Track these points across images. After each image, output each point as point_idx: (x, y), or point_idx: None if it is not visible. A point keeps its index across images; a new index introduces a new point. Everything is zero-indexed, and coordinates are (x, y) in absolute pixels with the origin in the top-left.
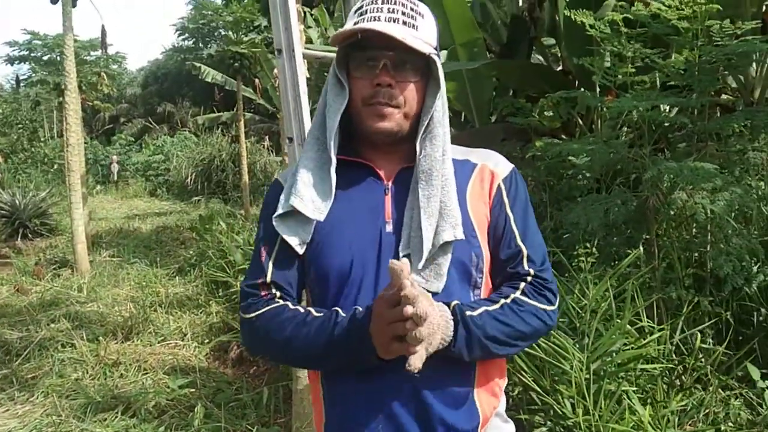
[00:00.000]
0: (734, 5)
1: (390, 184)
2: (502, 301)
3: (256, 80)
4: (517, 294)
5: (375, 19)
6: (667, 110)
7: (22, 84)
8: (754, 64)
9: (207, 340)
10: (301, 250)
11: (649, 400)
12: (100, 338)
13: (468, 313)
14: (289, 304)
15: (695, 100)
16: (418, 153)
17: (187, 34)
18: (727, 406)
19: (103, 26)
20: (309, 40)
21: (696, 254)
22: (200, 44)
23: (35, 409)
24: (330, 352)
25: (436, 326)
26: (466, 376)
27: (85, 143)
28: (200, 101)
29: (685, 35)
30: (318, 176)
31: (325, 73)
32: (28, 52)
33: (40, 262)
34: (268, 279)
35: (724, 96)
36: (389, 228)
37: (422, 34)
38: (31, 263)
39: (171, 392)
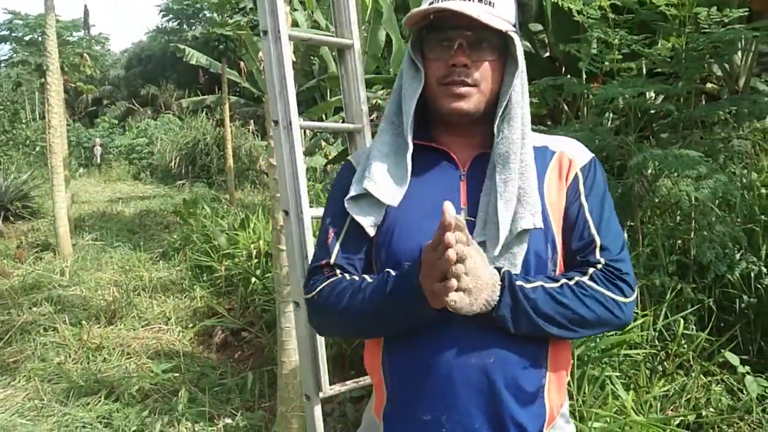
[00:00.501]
0: None
1: (466, 170)
2: (563, 281)
3: (241, 63)
4: (584, 278)
5: None
6: (653, 98)
7: (2, 64)
8: (739, 53)
9: (191, 325)
10: (372, 232)
11: (631, 386)
12: (83, 322)
13: (519, 283)
14: (346, 276)
15: (681, 87)
16: (495, 136)
17: (171, 15)
18: (708, 391)
19: (85, 6)
20: (295, 23)
21: (680, 241)
22: (185, 26)
23: (17, 393)
24: (385, 310)
25: (484, 283)
26: (537, 369)
27: (67, 125)
28: (184, 84)
29: (672, 22)
30: (393, 161)
31: (312, 56)
32: (8, 32)
33: (22, 245)
34: (333, 260)
35: (709, 84)
36: (464, 215)
37: (499, 11)
38: (13, 246)
39: (155, 376)
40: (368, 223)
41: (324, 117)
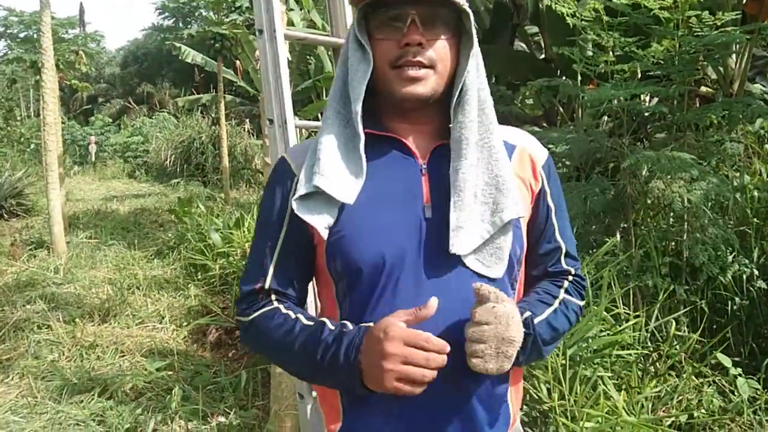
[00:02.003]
0: None
1: (425, 163)
2: (556, 305)
3: (237, 62)
4: (566, 296)
5: None
6: (648, 101)
7: None
8: (733, 56)
9: (185, 323)
10: (325, 234)
11: (623, 386)
12: (77, 320)
13: (536, 321)
14: (281, 307)
15: (674, 89)
16: (451, 121)
17: (167, 13)
18: (700, 393)
19: (81, 3)
20: (290, 23)
21: (672, 243)
22: (180, 24)
23: (10, 391)
24: (314, 373)
25: (509, 342)
26: (504, 381)
27: (62, 123)
28: (180, 82)
29: (666, 25)
30: (344, 154)
31: (308, 56)
32: (4, 29)
33: (16, 243)
34: (267, 285)
35: (704, 88)
36: (429, 213)
37: None
38: (7, 244)
39: (148, 375)
40: (322, 224)
41: (319, 116)
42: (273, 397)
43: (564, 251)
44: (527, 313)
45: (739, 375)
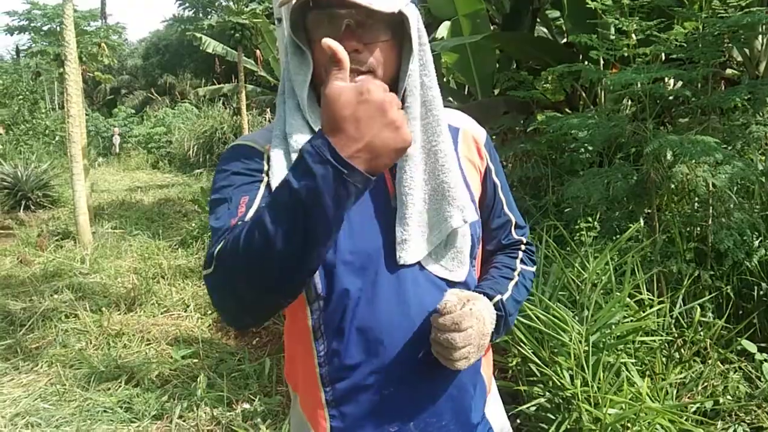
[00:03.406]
0: None
1: None
2: (516, 278)
3: (257, 51)
4: (522, 266)
5: None
6: (672, 84)
7: (22, 54)
8: (760, 37)
9: (210, 312)
10: None
11: (647, 373)
12: (103, 309)
13: (504, 299)
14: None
15: (697, 72)
16: None
17: (187, 4)
18: (725, 379)
19: None
20: None
21: (697, 228)
22: (201, 14)
23: (39, 379)
24: (301, 223)
25: (484, 334)
26: None
27: (86, 115)
28: (201, 73)
29: (689, 8)
30: None
31: None
32: (27, 22)
33: (43, 234)
34: (247, 217)
35: (729, 70)
36: (395, 203)
37: None
38: (34, 235)
39: (174, 362)
40: None
41: None
42: None
43: (513, 223)
44: (497, 297)
45: (766, 360)
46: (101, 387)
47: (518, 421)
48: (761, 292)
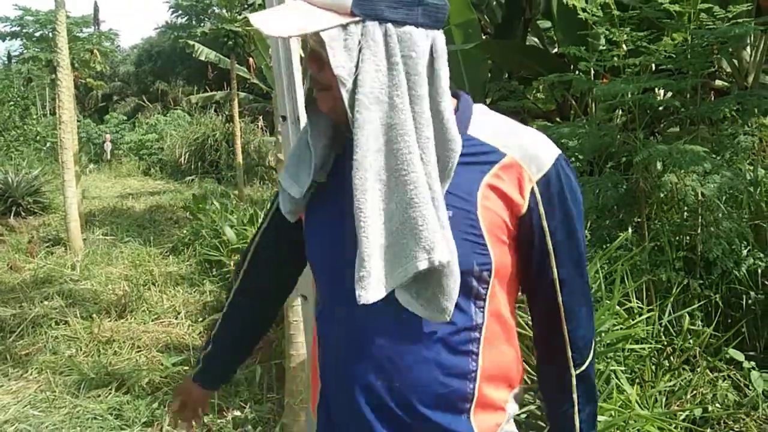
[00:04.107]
0: None
1: None
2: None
3: (250, 59)
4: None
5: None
6: (661, 94)
7: (13, 60)
8: (748, 48)
9: (201, 319)
10: (290, 218)
11: (636, 380)
12: (94, 316)
13: None
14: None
15: (686, 82)
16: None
17: (180, 12)
18: (714, 387)
19: (95, 2)
20: None
21: (686, 237)
22: (194, 22)
23: (29, 385)
24: None
25: None
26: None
27: (78, 121)
28: (194, 80)
29: (678, 19)
30: (302, 148)
31: None
32: (19, 28)
33: (34, 240)
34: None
35: (718, 81)
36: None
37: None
38: (24, 241)
39: (165, 369)
40: (285, 208)
41: None
42: (288, 391)
43: (561, 304)
44: None
45: (753, 368)
46: (91, 394)
47: None
48: (749, 301)
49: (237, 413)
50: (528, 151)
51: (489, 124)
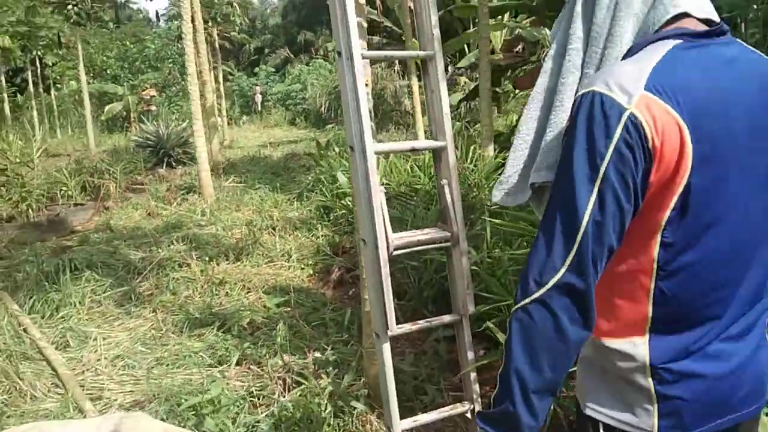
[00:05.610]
0: None
1: None
2: None
3: (378, 1)
4: None
5: None
6: None
7: (163, 18)
8: None
9: (311, 262)
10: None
11: None
12: (212, 259)
13: None
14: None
15: None
16: None
17: None
18: None
19: None
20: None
21: None
22: None
23: (144, 323)
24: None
25: None
26: None
27: (231, 75)
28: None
29: None
30: None
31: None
32: None
33: (171, 188)
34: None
35: None
36: None
37: None
38: (163, 189)
39: (267, 310)
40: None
41: (467, 48)
42: (364, 335)
43: None
44: None
45: None
46: (195, 333)
47: None
48: None
49: (317, 355)
50: None
51: None
